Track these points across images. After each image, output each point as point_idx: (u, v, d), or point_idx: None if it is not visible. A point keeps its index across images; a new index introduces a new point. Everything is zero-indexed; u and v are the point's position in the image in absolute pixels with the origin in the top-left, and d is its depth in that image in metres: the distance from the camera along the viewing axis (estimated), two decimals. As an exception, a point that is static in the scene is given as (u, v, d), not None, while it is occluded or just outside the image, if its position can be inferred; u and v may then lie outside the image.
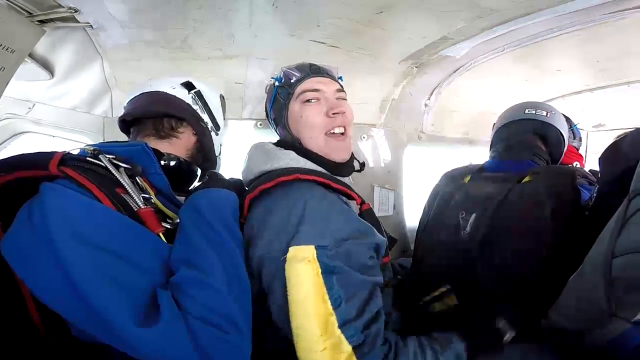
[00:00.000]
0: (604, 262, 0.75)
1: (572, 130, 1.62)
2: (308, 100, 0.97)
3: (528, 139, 1.35)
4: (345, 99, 1.02)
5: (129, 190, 0.74)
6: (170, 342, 0.57)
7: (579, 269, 0.83)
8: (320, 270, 0.72)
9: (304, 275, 0.72)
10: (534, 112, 1.38)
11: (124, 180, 0.75)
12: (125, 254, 0.63)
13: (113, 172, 0.76)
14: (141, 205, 0.74)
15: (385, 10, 1.17)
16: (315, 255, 0.73)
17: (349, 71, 1.32)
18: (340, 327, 0.71)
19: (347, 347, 0.71)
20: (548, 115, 1.37)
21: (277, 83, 1.02)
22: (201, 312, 0.61)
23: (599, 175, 1.01)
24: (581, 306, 0.80)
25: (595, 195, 1.05)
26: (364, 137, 1.76)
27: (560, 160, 1.42)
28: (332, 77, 1.03)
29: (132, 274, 0.62)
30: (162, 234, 0.73)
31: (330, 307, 0.71)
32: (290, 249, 0.74)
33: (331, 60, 1.28)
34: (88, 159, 0.76)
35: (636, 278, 0.70)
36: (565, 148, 1.40)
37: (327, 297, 0.71)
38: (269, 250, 0.77)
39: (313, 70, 1.00)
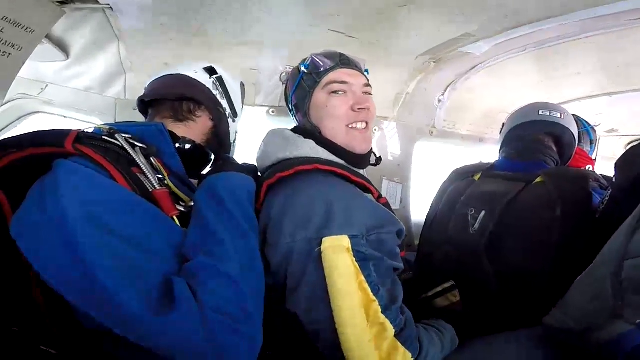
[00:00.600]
0: (615, 262, 0.76)
1: (585, 132, 1.61)
2: (335, 92, 0.94)
3: (542, 140, 1.35)
4: (371, 94, 1.00)
5: (145, 170, 0.73)
6: (184, 331, 0.55)
7: (588, 267, 0.84)
8: (356, 259, 0.72)
9: (344, 265, 0.72)
10: (547, 113, 1.37)
11: (140, 160, 0.74)
12: (140, 239, 0.61)
13: (129, 151, 0.74)
14: (156, 186, 0.72)
15: (409, 3, 1.15)
16: (350, 245, 0.73)
17: (365, 63, 1.31)
18: (383, 312, 0.72)
19: (391, 333, 0.73)
20: (562, 117, 1.36)
21: (304, 69, 0.99)
22: (216, 302, 0.60)
23: (614, 180, 1.01)
24: (588, 304, 0.81)
25: (607, 199, 1.05)
26: (375, 130, 1.76)
27: (569, 162, 1.41)
28: (360, 70, 1.00)
29: (146, 260, 0.60)
30: (177, 217, 0.72)
31: (371, 294, 0.72)
32: (325, 239, 0.73)
33: (347, 50, 1.26)
34: (104, 137, 0.75)
35: None
36: (575, 150, 1.40)
37: (365, 284, 0.72)
38: (295, 240, 0.76)
39: (343, 61, 0.97)
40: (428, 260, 1.43)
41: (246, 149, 1.31)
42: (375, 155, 1.06)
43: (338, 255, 0.72)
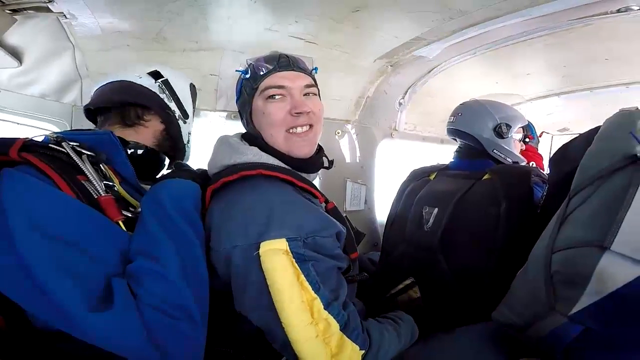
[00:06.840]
0: (544, 257, 0.80)
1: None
2: (272, 97, 0.92)
3: (464, 141, 1.44)
4: (316, 94, 0.98)
5: (90, 177, 0.74)
6: (121, 328, 0.58)
7: (525, 264, 0.89)
8: (294, 260, 0.74)
9: (282, 267, 0.73)
10: (449, 119, 1.46)
11: (85, 167, 0.75)
12: (82, 242, 0.63)
13: (74, 158, 0.75)
14: (102, 193, 0.73)
15: (361, 8, 1.19)
16: (288, 247, 0.74)
17: (326, 67, 1.34)
18: (325, 308, 0.74)
19: (336, 328, 0.75)
20: (453, 120, 1.44)
21: (243, 76, 0.97)
22: (154, 301, 0.62)
23: (548, 176, 1.08)
24: (526, 300, 0.85)
25: (545, 194, 1.12)
26: (338, 133, 1.80)
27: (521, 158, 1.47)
28: (303, 70, 0.96)
29: (87, 262, 0.62)
30: (123, 222, 0.73)
31: (312, 292, 0.74)
32: (262, 244, 0.73)
33: (308, 56, 1.29)
34: (50, 145, 0.76)
35: (572, 273, 0.74)
36: (498, 142, 1.38)
37: (306, 283, 0.74)
38: (234, 246, 0.77)
39: (281, 64, 0.93)
40: (389, 259, 1.47)
41: (207, 155, 1.32)
42: (327, 158, 1.05)
43: (276, 257, 0.73)
